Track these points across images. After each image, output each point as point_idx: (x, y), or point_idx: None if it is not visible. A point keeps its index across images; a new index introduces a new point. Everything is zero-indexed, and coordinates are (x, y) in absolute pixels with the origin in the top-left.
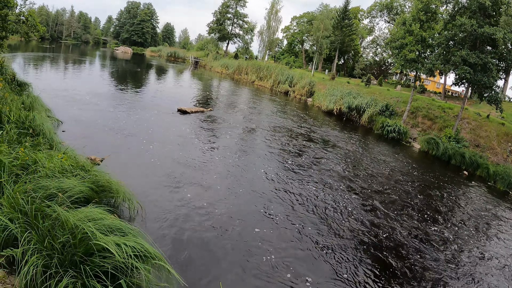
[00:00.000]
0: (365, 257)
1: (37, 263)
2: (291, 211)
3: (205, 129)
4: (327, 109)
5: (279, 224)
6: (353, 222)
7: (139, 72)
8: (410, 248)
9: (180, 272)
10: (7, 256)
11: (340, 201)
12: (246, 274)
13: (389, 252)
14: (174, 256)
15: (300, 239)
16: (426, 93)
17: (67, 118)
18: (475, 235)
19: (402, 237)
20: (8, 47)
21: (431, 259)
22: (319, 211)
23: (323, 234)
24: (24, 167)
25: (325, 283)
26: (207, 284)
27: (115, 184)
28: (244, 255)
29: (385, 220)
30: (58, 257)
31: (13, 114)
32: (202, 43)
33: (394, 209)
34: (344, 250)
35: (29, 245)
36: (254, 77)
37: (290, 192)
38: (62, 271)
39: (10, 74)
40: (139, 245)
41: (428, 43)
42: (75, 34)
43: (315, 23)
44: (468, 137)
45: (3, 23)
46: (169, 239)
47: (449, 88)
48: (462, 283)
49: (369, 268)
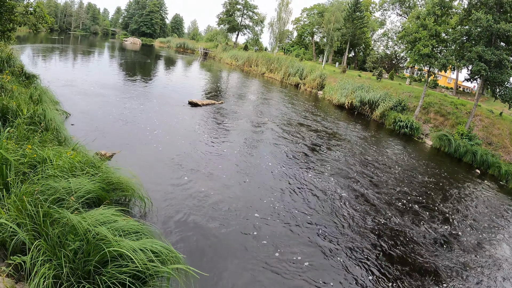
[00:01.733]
0: (372, 254)
1: (47, 274)
2: (312, 210)
3: (217, 122)
4: (338, 103)
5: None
6: (360, 217)
7: (148, 63)
8: (419, 246)
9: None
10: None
11: (348, 195)
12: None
13: (396, 248)
14: (191, 254)
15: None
16: (437, 88)
17: (76, 111)
18: (486, 236)
19: (411, 234)
20: (17, 38)
21: (441, 258)
22: (329, 205)
23: (332, 228)
24: (32, 165)
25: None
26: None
27: (126, 180)
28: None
29: (394, 216)
30: (69, 266)
31: (21, 108)
32: (211, 34)
33: (403, 205)
34: (351, 244)
35: (38, 253)
36: (264, 69)
37: (306, 187)
38: (75, 281)
39: (18, 67)
40: (156, 247)
41: (442, 38)
42: (83, 26)
43: (326, 15)
44: (480, 135)
45: (10, 15)
46: (183, 236)
47: (460, 84)
48: (472, 284)
49: (377, 265)
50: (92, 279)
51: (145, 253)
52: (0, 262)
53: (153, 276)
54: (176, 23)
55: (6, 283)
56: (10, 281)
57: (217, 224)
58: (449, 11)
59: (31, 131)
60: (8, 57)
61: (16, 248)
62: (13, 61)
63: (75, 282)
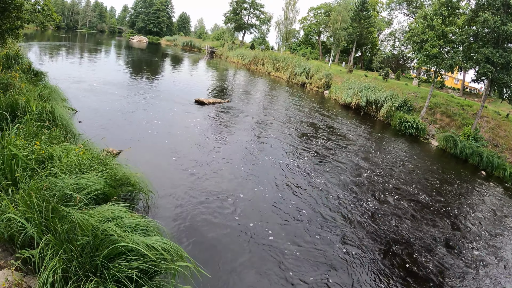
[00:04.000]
0: (375, 254)
1: (56, 268)
2: (318, 208)
3: (223, 121)
4: (345, 103)
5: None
6: (363, 217)
7: (155, 61)
8: (421, 247)
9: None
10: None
11: (352, 195)
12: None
13: (400, 249)
14: (196, 252)
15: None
16: (444, 89)
17: (83, 108)
18: (489, 238)
19: (413, 234)
20: (24, 36)
21: (444, 260)
22: (333, 204)
23: (335, 226)
24: (40, 161)
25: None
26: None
27: (133, 177)
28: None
29: (398, 217)
30: (77, 260)
31: (30, 105)
32: (218, 33)
33: (408, 207)
34: (353, 243)
35: (47, 247)
36: (271, 68)
37: (312, 185)
38: (83, 275)
39: (26, 64)
40: (163, 244)
41: (450, 39)
42: (90, 23)
43: (333, 15)
44: (486, 137)
45: (18, 12)
46: (189, 233)
47: (467, 85)
48: (477, 285)
49: (381, 266)
50: (100, 273)
51: (154, 249)
52: (9, 256)
53: (159, 272)
54: (183, 21)
55: (15, 276)
56: (18, 274)
57: (223, 222)
58: (456, 11)
59: (40, 128)
60: (16, 54)
61: (25, 242)
62: (20, 58)
63: (83, 276)
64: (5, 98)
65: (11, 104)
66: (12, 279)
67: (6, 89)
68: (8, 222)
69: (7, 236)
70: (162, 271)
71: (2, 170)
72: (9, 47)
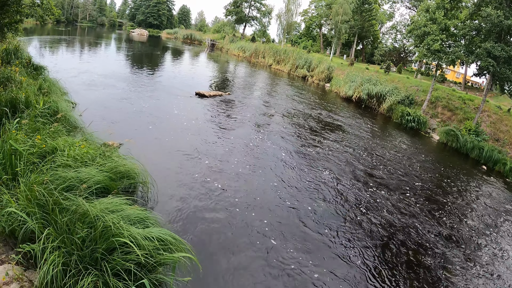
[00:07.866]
0: (374, 246)
1: (57, 261)
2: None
3: (224, 113)
4: (346, 96)
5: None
6: (362, 209)
7: (156, 55)
8: (422, 241)
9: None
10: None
11: (353, 189)
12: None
13: (399, 242)
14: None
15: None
16: (445, 83)
17: (83, 101)
18: (490, 232)
19: (414, 229)
20: (24, 30)
21: (445, 254)
22: (333, 197)
23: (336, 221)
24: (41, 155)
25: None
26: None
27: (133, 169)
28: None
29: (398, 211)
30: (77, 253)
31: (30, 100)
32: (218, 26)
33: (409, 201)
34: (351, 238)
35: (47, 240)
36: (271, 61)
37: (314, 180)
38: (83, 268)
39: (26, 58)
40: (162, 235)
41: (452, 33)
42: (90, 17)
43: (334, 7)
44: (488, 131)
45: (18, 7)
46: (189, 225)
47: (469, 79)
48: (478, 281)
49: (380, 261)
50: (100, 266)
51: (151, 240)
52: (10, 250)
53: (159, 264)
54: (183, 14)
55: (15, 271)
56: (19, 268)
57: (223, 214)
58: (459, 4)
59: (41, 122)
60: (15, 49)
61: (25, 236)
62: (20, 53)
63: (83, 268)
64: (5, 94)
65: (12, 99)
66: (12, 274)
67: (6, 84)
68: (9, 216)
69: (8, 230)
70: (161, 262)
71: (3, 164)
72: (8, 41)
